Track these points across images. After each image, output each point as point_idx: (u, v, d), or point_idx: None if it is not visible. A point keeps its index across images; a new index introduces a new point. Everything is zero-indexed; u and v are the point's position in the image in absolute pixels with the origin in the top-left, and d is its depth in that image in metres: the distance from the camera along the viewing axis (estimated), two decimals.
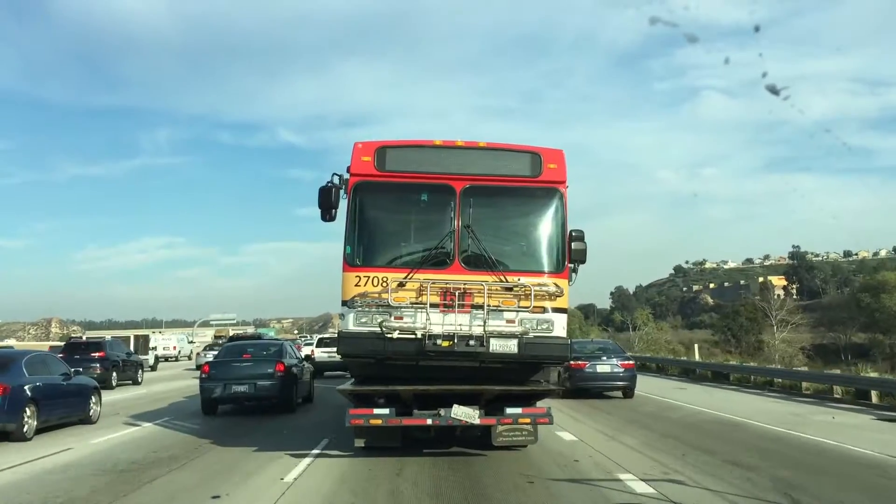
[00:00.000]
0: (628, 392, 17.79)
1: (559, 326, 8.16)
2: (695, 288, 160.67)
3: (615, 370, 17.60)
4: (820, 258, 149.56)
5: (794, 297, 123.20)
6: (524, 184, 8.50)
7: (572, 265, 8.52)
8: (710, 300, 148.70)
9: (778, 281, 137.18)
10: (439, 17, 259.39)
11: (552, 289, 8.15)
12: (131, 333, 39.34)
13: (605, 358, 17.87)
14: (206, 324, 74.58)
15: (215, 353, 30.72)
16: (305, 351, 27.75)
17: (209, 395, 13.89)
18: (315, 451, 9.39)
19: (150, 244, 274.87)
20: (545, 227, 8.54)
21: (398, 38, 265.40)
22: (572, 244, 8.40)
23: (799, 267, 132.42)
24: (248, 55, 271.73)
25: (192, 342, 45.45)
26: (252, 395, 13.88)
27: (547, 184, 8.45)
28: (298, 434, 11.24)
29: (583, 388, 17.22)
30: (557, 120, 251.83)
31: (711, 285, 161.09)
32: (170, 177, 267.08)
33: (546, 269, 8.35)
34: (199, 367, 30.54)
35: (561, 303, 8.22)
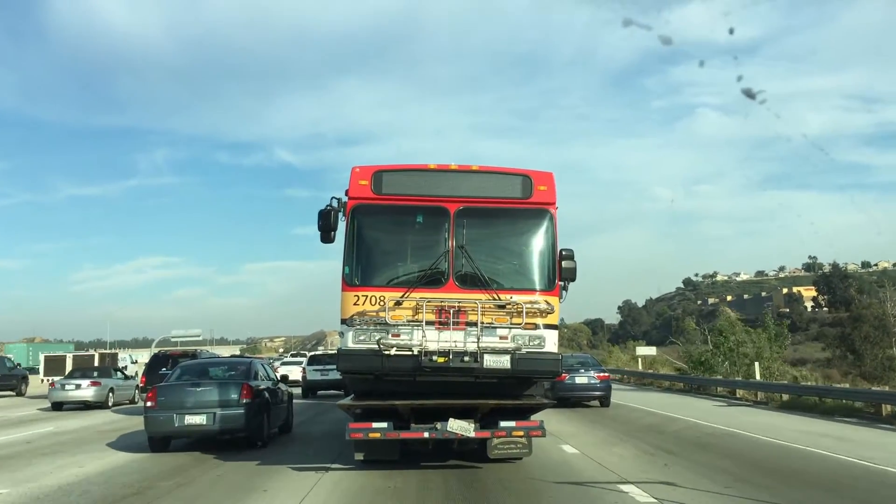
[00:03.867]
0: (604, 401, 20.93)
1: (550, 342, 9.11)
2: (710, 301, 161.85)
3: (592, 381, 20.84)
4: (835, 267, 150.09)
5: (825, 308, 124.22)
6: (515, 205, 9.51)
7: (562, 283, 9.51)
8: (732, 313, 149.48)
9: (806, 292, 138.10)
10: (437, 37, 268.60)
11: (543, 306, 9.11)
12: (102, 352, 37.35)
13: (583, 371, 20.85)
14: (165, 341, 73.39)
15: (78, 381, 23.08)
16: (283, 371, 25.13)
17: (157, 429, 12.23)
18: None
19: (147, 264, 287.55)
20: (536, 247, 9.53)
21: (396, 58, 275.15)
22: (562, 263, 9.39)
23: (832, 276, 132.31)
24: (246, 75, 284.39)
25: (135, 363, 41.20)
26: (211, 429, 12.17)
27: (537, 205, 9.47)
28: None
29: (563, 398, 19.56)
30: (555, 138, 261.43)
31: (729, 297, 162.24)
32: (167, 197, 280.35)
33: (537, 287, 9.32)
34: (55, 407, 23.09)
35: (552, 319, 9.18)
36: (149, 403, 12.38)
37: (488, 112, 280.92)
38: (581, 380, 20.68)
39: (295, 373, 31.25)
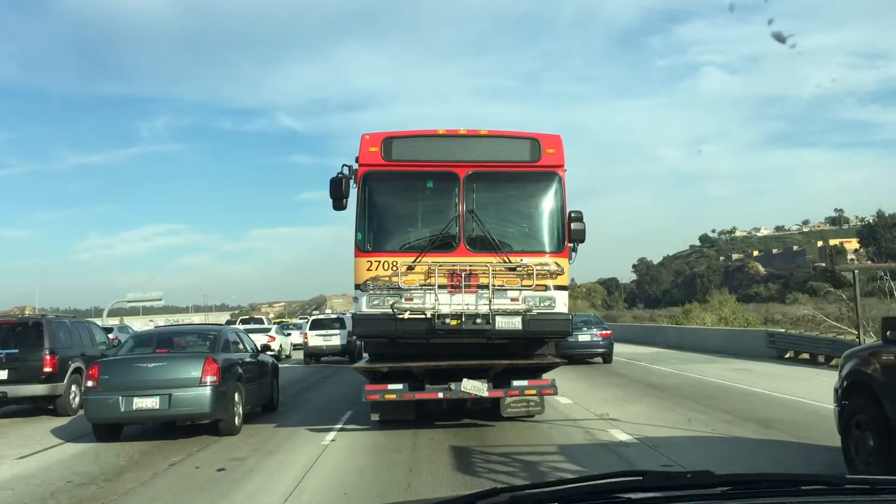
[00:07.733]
0: (606, 357, 23.28)
1: (561, 303, 9.86)
2: (734, 257, 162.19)
3: (594, 339, 23.14)
4: (864, 221, 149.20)
5: (870, 261, 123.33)
6: (524, 168, 10.16)
7: (572, 244, 10.19)
8: (762, 269, 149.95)
9: (848, 244, 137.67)
10: None
11: (553, 267, 9.84)
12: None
13: (585, 329, 22.87)
14: (118, 308, 61.43)
15: None
16: (262, 339, 22.64)
17: (100, 415, 10.63)
18: None
19: (152, 232, 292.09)
20: (545, 209, 10.22)
21: (397, 22, 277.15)
22: (571, 224, 10.06)
23: (878, 226, 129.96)
24: (246, 41, 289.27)
25: None
26: (166, 414, 10.63)
27: (546, 168, 10.11)
28: None
29: (567, 355, 21.12)
30: (557, 100, 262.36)
31: (756, 253, 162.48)
32: (170, 164, 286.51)
33: (547, 248, 10.04)
34: None
35: (562, 280, 9.91)
36: (89, 383, 10.85)
37: (490, 75, 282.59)
38: (584, 338, 22.65)
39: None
